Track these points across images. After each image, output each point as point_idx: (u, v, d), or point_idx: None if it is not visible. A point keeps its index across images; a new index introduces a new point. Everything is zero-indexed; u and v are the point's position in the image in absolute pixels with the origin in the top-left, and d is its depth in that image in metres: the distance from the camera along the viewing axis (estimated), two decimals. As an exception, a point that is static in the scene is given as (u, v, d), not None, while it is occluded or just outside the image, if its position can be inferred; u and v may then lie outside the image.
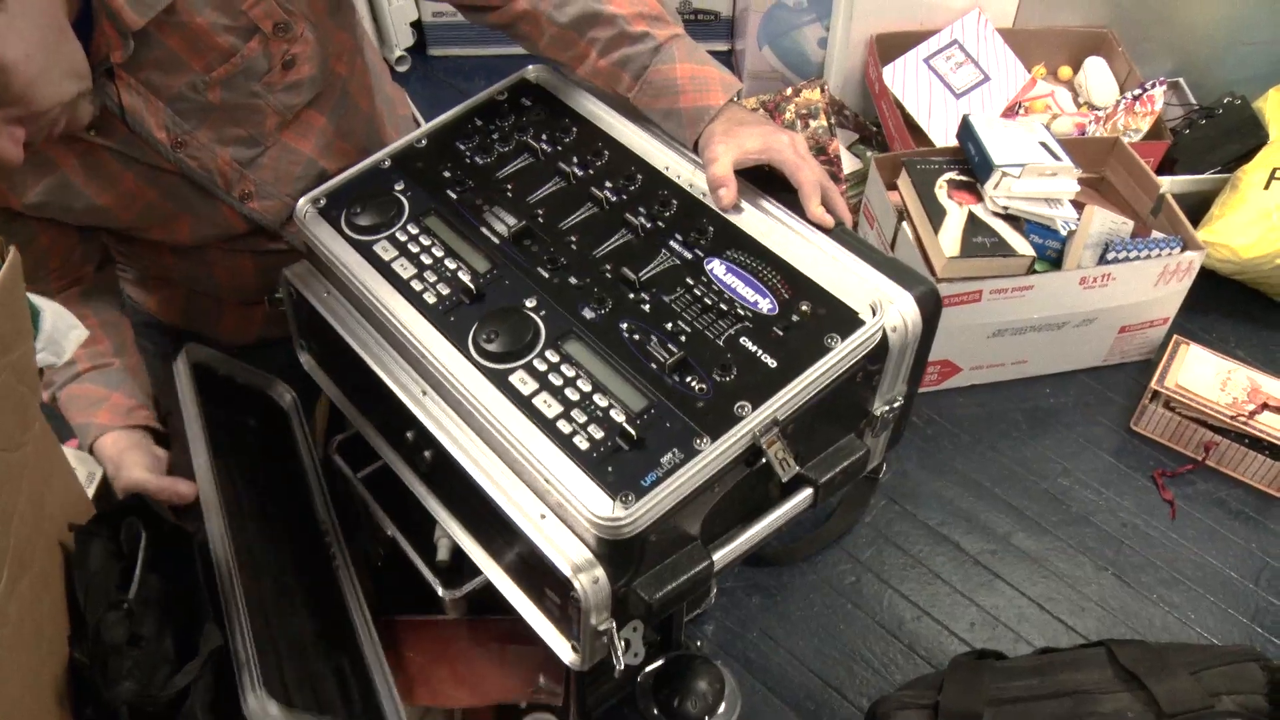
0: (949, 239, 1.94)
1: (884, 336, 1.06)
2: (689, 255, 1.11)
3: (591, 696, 1.46)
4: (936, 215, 1.99)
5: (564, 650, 1.05)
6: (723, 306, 1.06)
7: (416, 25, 3.08)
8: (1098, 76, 2.45)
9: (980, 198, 2.02)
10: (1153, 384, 1.97)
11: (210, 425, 1.28)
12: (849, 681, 1.66)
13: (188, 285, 1.45)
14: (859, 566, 1.81)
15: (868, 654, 1.70)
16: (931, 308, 1.09)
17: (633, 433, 0.96)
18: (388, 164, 1.26)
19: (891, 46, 2.47)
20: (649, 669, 1.43)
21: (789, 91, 2.49)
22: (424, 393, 1.10)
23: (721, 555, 1.06)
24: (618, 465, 0.95)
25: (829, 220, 1.14)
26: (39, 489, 1.00)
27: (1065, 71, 2.53)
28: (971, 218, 1.99)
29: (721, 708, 1.41)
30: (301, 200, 1.23)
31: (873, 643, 1.71)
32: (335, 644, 1.25)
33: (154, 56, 1.12)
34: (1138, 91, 2.35)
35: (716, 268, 1.10)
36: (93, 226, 1.28)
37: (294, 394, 1.46)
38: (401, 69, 3.04)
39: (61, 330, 1.03)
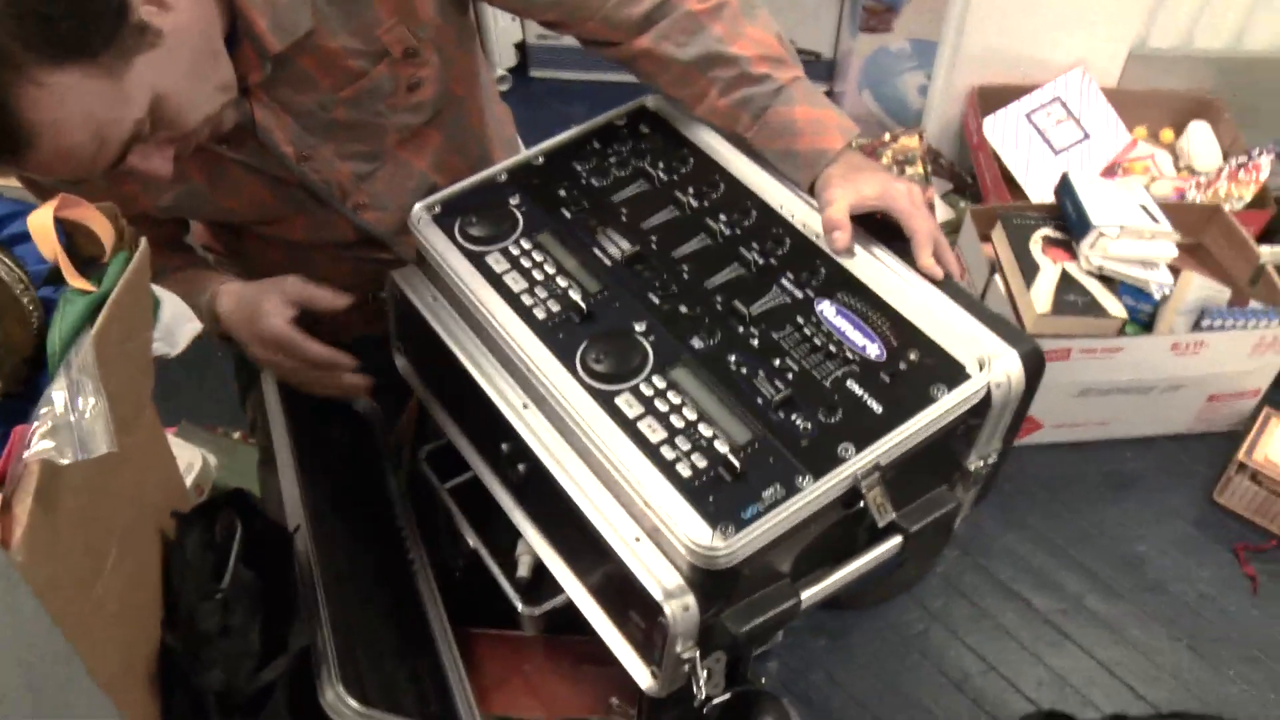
0: (1041, 295, 1.92)
1: (988, 392, 1.04)
2: (799, 294, 1.10)
3: (657, 722, 1.45)
4: (1030, 270, 1.97)
5: (642, 675, 1.04)
6: (831, 348, 1.05)
7: (520, 46, 3.12)
8: (1201, 141, 2.41)
9: (1075, 256, 2.00)
10: (1240, 456, 1.93)
11: (296, 434, 1.30)
12: (911, 731, 1.64)
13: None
14: (927, 616, 1.79)
15: (931, 705, 1.67)
16: (1035, 367, 1.07)
17: (736, 464, 0.95)
18: (504, 178, 1.26)
19: (993, 99, 2.45)
20: (715, 700, 1.41)
21: (886, 137, 2.48)
22: (525, 406, 1.09)
23: (808, 594, 1.04)
24: (719, 495, 0.94)
25: (939, 272, 1.12)
26: (145, 474, 1.02)
27: (1167, 135, 2.49)
28: (1065, 275, 1.96)
29: (785, 746, 1.39)
30: (417, 205, 1.23)
31: (937, 694, 1.68)
32: (413, 648, 1.25)
33: (288, 76, 1.15)
34: (1243, 159, 2.31)
35: (826, 309, 1.09)
36: (212, 220, 1.32)
37: (377, 406, 1.47)
38: (503, 89, 3.07)
39: (179, 321, 1.04)
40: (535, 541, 1.15)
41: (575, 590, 1.11)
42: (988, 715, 1.66)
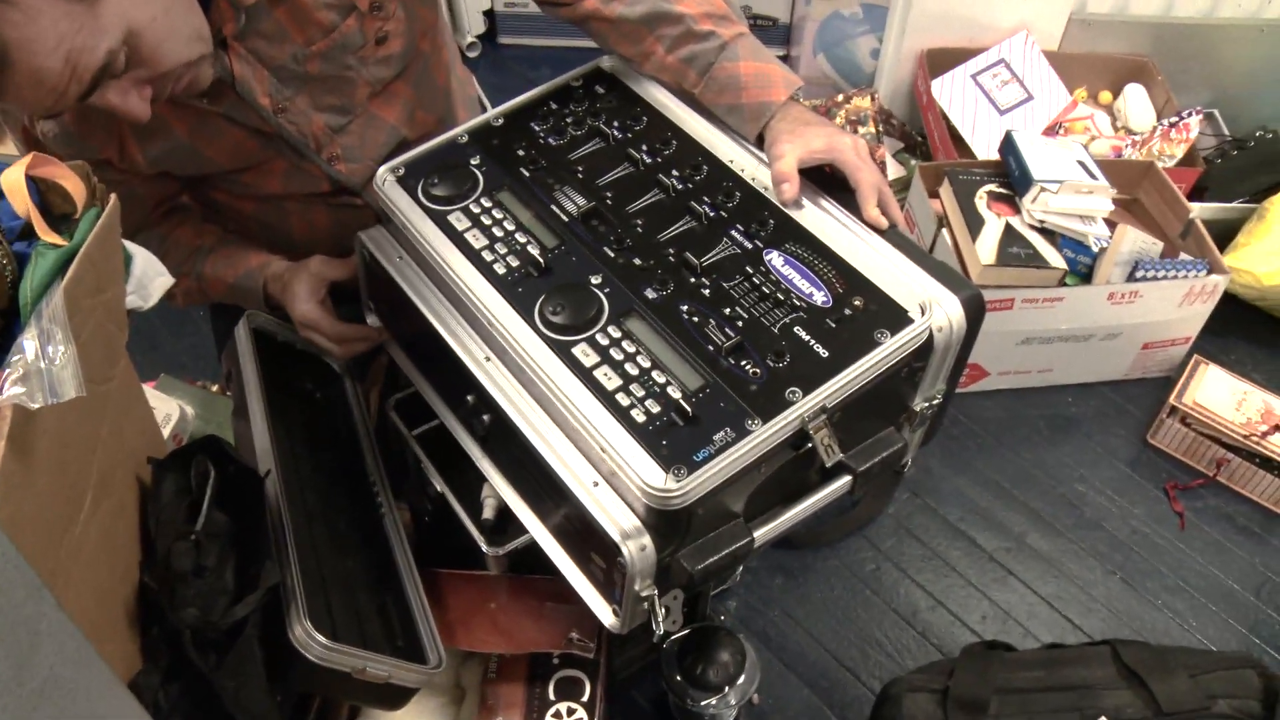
0: (986, 248, 1.92)
1: (930, 335, 1.04)
2: (749, 245, 1.10)
3: (619, 659, 1.45)
4: (975, 224, 1.97)
5: (604, 613, 1.04)
6: (779, 296, 1.05)
7: (489, 14, 3.08)
8: (1137, 102, 2.42)
9: (1018, 210, 2.00)
10: (1171, 400, 1.95)
11: (268, 385, 1.29)
12: (863, 663, 1.66)
13: (264, 236, 1.45)
14: (879, 555, 1.80)
15: (882, 639, 1.69)
16: (975, 311, 1.08)
17: (688, 409, 0.95)
18: (465, 139, 1.25)
19: (941, 61, 2.44)
20: (675, 637, 1.42)
21: (840, 98, 2.47)
22: (487, 359, 1.09)
23: (761, 533, 1.05)
24: (672, 439, 0.94)
25: (883, 222, 1.12)
26: (121, 422, 1.01)
27: (1105, 96, 2.50)
28: (1008, 229, 1.96)
29: (741, 678, 1.40)
30: (381, 169, 1.23)
31: (888, 628, 1.70)
32: (381, 586, 1.25)
33: (262, 29, 1.14)
34: (1174, 119, 2.32)
35: (775, 259, 1.08)
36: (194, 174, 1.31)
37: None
38: (472, 55, 3.04)
39: (150, 275, 1.03)
40: (499, 486, 1.15)
41: (538, 532, 1.12)
42: (934, 647, 1.68)
